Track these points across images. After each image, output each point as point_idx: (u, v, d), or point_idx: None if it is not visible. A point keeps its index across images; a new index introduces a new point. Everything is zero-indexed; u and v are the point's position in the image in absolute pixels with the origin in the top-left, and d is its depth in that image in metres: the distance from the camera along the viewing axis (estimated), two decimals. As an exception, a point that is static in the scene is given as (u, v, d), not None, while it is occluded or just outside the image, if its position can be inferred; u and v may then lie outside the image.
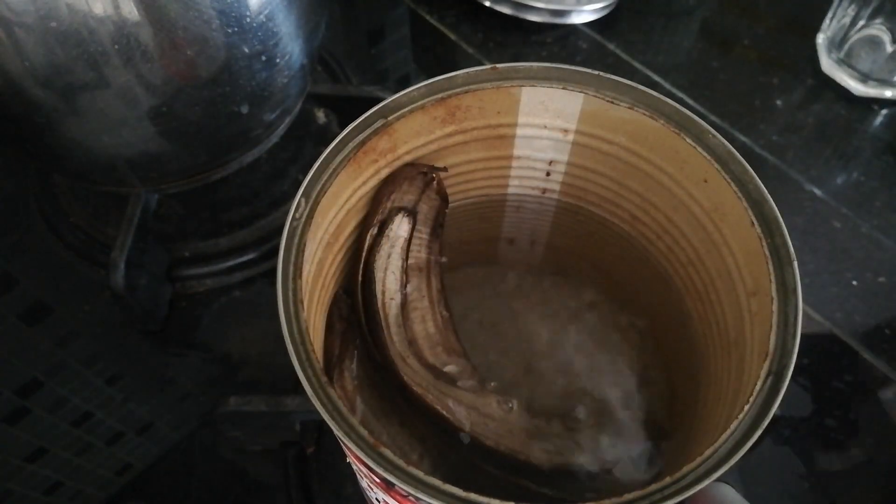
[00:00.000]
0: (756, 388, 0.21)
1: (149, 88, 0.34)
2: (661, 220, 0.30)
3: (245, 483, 0.37)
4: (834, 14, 0.55)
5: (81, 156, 0.37)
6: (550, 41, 0.59)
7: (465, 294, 0.38)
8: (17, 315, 0.43)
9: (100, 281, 0.43)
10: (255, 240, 0.45)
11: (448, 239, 0.33)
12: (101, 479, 0.38)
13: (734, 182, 0.25)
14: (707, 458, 0.20)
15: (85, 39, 0.31)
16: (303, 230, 0.25)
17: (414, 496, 0.19)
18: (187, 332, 0.43)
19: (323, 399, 0.21)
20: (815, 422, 0.39)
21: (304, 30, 0.39)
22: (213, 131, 0.38)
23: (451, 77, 0.28)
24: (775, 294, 0.23)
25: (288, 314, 0.23)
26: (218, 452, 0.38)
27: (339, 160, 0.26)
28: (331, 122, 0.51)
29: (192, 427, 0.39)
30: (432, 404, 0.28)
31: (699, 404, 0.28)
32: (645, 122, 0.27)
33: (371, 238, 0.29)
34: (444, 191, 0.31)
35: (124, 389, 0.41)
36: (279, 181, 0.47)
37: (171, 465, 0.38)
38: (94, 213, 0.46)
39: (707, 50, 0.59)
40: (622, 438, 0.33)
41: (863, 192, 0.49)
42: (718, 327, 0.27)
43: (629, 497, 0.19)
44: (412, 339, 0.30)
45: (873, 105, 0.54)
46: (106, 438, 0.39)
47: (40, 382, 0.40)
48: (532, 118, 0.29)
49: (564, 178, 0.32)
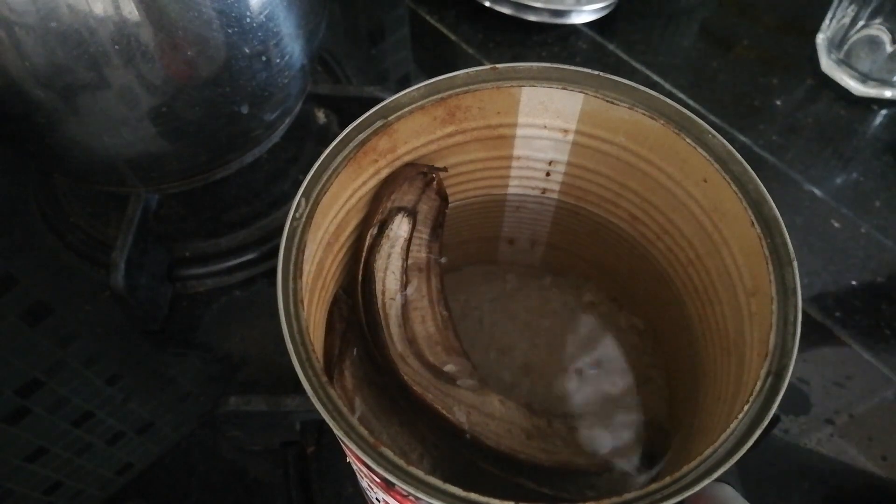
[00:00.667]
0: (756, 388, 0.21)
1: (149, 89, 0.34)
2: (661, 220, 0.30)
3: (245, 483, 0.37)
4: (834, 14, 0.55)
5: (82, 156, 0.37)
6: (550, 41, 0.59)
7: (465, 294, 0.38)
8: (18, 315, 0.43)
9: (100, 281, 0.43)
10: (256, 240, 0.45)
11: (448, 239, 0.33)
12: (102, 479, 0.38)
13: (734, 182, 0.25)
14: (707, 458, 0.20)
15: (85, 40, 0.31)
16: (303, 230, 0.25)
17: (414, 496, 0.19)
18: (187, 332, 0.43)
19: (323, 399, 0.21)
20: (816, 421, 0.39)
21: (304, 30, 0.39)
22: (213, 131, 0.38)
23: (451, 77, 0.28)
24: (775, 294, 0.23)
25: (288, 314, 0.23)
26: (218, 452, 0.38)
27: (339, 160, 0.26)
28: (331, 122, 0.51)
29: (192, 427, 0.39)
30: (432, 404, 0.28)
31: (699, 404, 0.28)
32: (645, 122, 0.27)
33: (371, 238, 0.29)
34: (444, 191, 0.31)
35: (124, 389, 0.41)
36: (279, 181, 0.47)
37: (171, 465, 0.38)
38: (94, 214, 0.46)
39: (707, 50, 0.59)
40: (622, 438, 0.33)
41: (862, 192, 0.49)
42: (718, 327, 0.27)
43: (629, 497, 0.19)
44: (412, 339, 0.30)
45: (873, 105, 0.54)
46: (106, 438, 0.39)
47: (41, 382, 0.40)
48: (532, 118, 0.30)
49: (564, 178, 0.32)
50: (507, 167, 0.32)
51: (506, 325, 0.37)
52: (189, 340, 0.43)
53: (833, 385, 0.40)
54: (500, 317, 0.37)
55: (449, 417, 0.28)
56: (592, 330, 0.37)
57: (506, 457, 0.28)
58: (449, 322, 0.31)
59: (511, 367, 0.36)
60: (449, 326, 0.31)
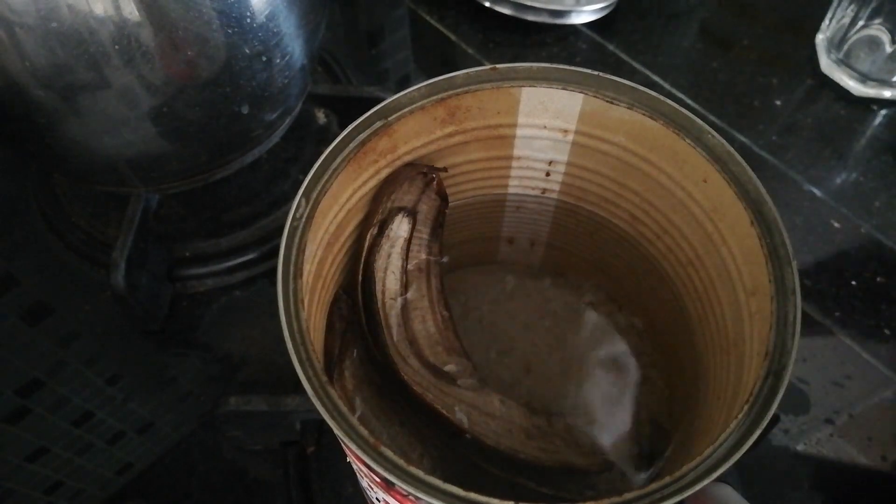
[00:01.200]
0: (755, 388, 0.21)
1: (149, 89, 0.34)
2: (661, 220, 0.30)
3: (245, 483, 0.37)
4: (833, 14, 0.55)
5: (82, 156, 0.38)
6: (550, 41, 0.59)
7: (465, 294, 0.38)
8: (18, 315, 0.43)
9: (100, 281, 0.43)
10: (256, 240, 0.45)
11: (448, 239, 0.33)
12: (102, 479, 0.38)
13: (733, 182, 0.25)
14: (707, 458, 0.20)
15: (86, 40, 0.31)
16: (303, 230, 0.25)
17: (414, 496, 0.19)
18: (188, 332, 0.43)
19: (323, 399, 0.21)
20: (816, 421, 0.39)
21: (304, 30, 0.39)
22: (213, 132, 0.38)
23: (451, 77, 0.28)
24: (774, 294, 0.23)
25: (288, 314, 0.23)
26: (218, 452, 0.38)
27: (339, 160, 0.26)
28: (331, 122, 0.51)
29: (192, 427, 0.39)
30: (432, 404, 0.28)
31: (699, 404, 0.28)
32: (644, 122, 0.27)
33: (371, 238, 0.29)
34: (443, 191, 0.31)
35: (125, 389, 0.41)
36: (279, 181, 0.47)
37: (171, 464, 0.38)
38: (94, 213, 0.46)
39: (706, 50, 0.59)
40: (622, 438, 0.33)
41: (862, 192, 0.49)
42: (718, 327, 0.27)
43: (629, 496, 0.19)
44: (412, 339, 0.30)
45: (872, 105, 0.54)
46: (106, 438, 0.39)
47: (41, 382, 0.40)
48: (532, 118, 0.30)
49: (564, 179, 0.32)
50: (507, 167, 0.32)
51: (506, 325, 0.37)
52: (189, 340, 0.43)
53: (833, 385, 0.40)
54: (500, 317, 0.37)
55: (449, 417, 0.28)
56: (592, 330, 0.37)
57: (506, 457, 0.28)
58: (449, 322, 0.31)
59: (511, 367, 0.36)
60: (449, 326, 0.31)
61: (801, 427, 0.39)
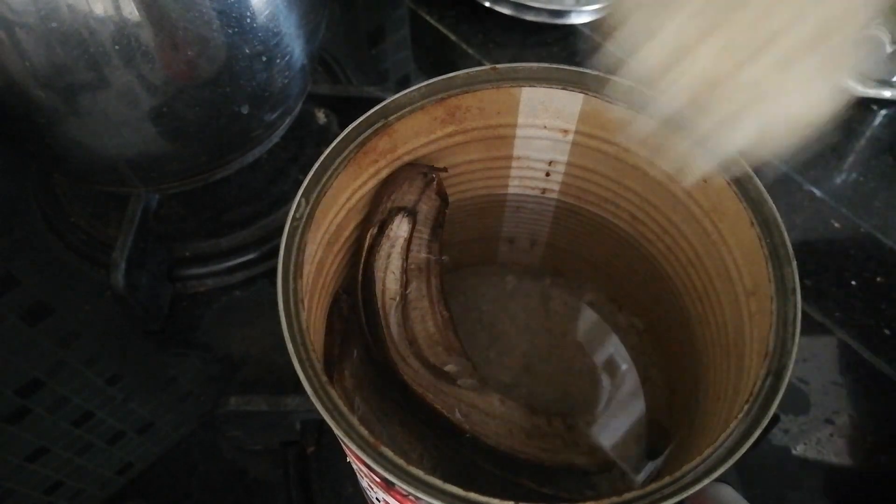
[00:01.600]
0: (755, 388, 0.21)
1: (149, 89, 0.34)
2: (661, 220, 0.30)
3: (245, 483, 0.37)
4: (833, 14, 0.55)
5: (82, 156, 0.38)
6: (550, 41, 0.59)
7: (465, 294, 0.38)
8: (18, 315, 0.43)
9: (100, 281, 0.43)
10: (256, 240, 0.45)
11: (448, 239, 0.33)
12: (102, 479, 0.38)
13: (733, 182, 0.25)
14: (707, 458, 0.20)
15: (86, 40, 0.31)
16: (303, 230, 0.25)
17: (414, 496, 0.19)
18: (188, 332, 0.43)
19: (323, 398, 0.21)
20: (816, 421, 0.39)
21: (304, 30, 0.39)
22: (213, 132, 0.38)
23: (451, 77, 0.28)
24: (774, 294, 0.23)
25: (288, 314, 0.23)
26: (218, 452, 0.38)
27: (339, 160, 0.27)
28: (331, 122, 0.51)
29: (192, 427, 0.39)
30: (432, 403, 0.28)
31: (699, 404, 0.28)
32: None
33: (371, 238, 0.29)
34: (443, 191, 0.31)
35: (125, 389, 0.41)
36: (280, 181, 0.47)
37: (171, 464, 0.38)
38: (94, 213, 0.46)
39: (707, 50, 0.59)
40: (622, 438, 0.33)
41: (862, 192, 0.49)
42: (717, 327, 0.28)
43: (629, 496, 0.19)
44: (412, 339, 0.30)
45: (873, 105, 0.54)
46: (106, 438, 0.39)
47: (41, 382, 0.40)
48: (532, 118, 0.30)
49: (564, 179, 0.32)
50: (507, 167, 0.32)
51: (506, 325, 0.37)
52: (189, 340, 0.43)
53: (833, 385, 0.40)
54: (500, 317, 0.37)
55: (449, 417, 0.28)
56: (592, 330, 0.37)
57: (506, 456, 0.28)
58: (449, 322, 0.31)
59: (511, 367, 0.36)
60: (449, 326, 0.31)
61: (801, 427, 0.39)
